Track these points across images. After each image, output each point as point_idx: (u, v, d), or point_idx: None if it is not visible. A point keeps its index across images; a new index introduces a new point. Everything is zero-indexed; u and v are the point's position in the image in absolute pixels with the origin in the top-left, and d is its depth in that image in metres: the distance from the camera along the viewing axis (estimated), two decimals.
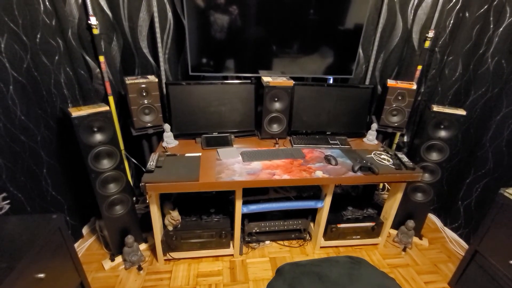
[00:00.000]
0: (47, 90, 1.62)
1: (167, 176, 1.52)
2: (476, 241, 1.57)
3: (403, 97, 1.96)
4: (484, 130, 1.91)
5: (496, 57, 1.82)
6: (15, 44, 1.40)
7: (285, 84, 1.91)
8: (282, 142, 2.02)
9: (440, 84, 2.10)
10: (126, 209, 1.72)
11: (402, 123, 2.02)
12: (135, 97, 1.71)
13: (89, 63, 1.78)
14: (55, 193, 1.72)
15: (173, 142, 1.90)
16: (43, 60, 1.59)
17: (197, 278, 1.72)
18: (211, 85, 1.89)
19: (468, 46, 1.94)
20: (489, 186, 1.91)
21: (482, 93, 1.93)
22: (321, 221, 1.85)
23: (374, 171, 1.66)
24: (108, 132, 1.53)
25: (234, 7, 1.76)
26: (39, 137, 1.59)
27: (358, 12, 1.88)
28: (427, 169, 1.89)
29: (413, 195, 1.99)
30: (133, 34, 1.83)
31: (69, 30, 1.64)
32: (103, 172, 1.55)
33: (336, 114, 2.07)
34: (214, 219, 1.82)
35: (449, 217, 2.22)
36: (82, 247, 1.90)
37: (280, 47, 1.94)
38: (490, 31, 1.82)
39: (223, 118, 1.97)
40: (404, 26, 2.01)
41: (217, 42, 1.84)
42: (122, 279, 1.70)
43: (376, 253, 1.99)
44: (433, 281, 1.80)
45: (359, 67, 2.14)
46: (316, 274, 1.17)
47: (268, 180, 1.56)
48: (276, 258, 1.89)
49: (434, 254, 2.01)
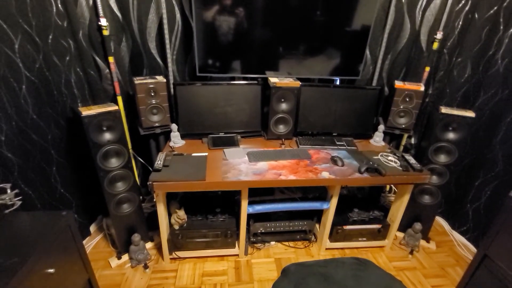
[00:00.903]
0: (58, 89, 1.66)
1: (174, 175, 1.53)
2: (485, 245, 1.54)
3: (411, 99, 1.94)
4: (494, 132, 1.89)
5: (506, 59, 1.79)
6: (28, 45, 1.44)
7: (292, 85, 1.91)
8: (288, 142, 2.02)
9: (449, 85, 2.08)
10: (133, 208, 1.74)
11: (410, 124, 2.00)
12: (144, 97, 1.74)
13: (99, 63, 1.81)
14: (63, 191, 1.76)
15: (180, 142, 1.91)
16: (55, 61, 1.62)
17: (202, 278, 1.73)
18: (218, 86, 1.90)
19: (477, 47, 1.92)
20: (498, 189, 1.88)
21: (492, 95, 1.90)
22: (326, 223, 1.84)
23: (380, 172, 1.65)
24: (116, 131, 1.55)
25: (241, 8, 1.77)
26: (50, 136, 1.62)
27: (365, 13, 1.87)
28: (435, 171, 1.87)
29: (420, 198, 1.97)
30: (142, 35, 1.86)
31: (80, 31, 1.68)
32: (111, 171, 1.58)
33: (343, 115, 2.07)
34: (219, 219, 1.83)
35: (457, 220, 2.19)
36: (89, 244, 1.93)
37: (287, 48, 1.94)
38: (500, 33, 1.80)
39: (229, 119, 1.99)
40: (412, 27, 2.00)
41: (224, 43, 1.85)
42: (128, 277, 1.72)
43: (383, 256, 1.97)
44: (440, 285, 1.77)
45: (366, 68, 2.13)
46: (322, 275, 1.17)
47: (274, 180, 1.57)
48: (281, 259, 1.89)
49: (441, 257, 1.99)
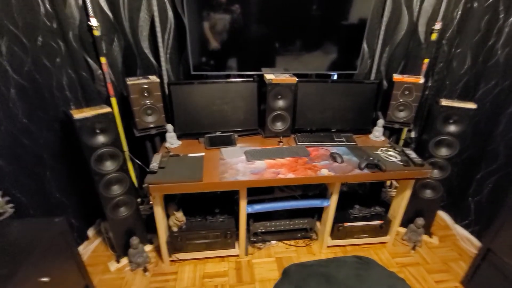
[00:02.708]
0: (49, 92, 1.62)
1: (170, 176, 1.50)
2: (489, 239, 1.52)
3: (410, 92, 1.91)
4: (495, 124, 1.85)
5: (507, 49, 1.75)
6: (16, 47, 1.40)
7: (288, 81, 1.87)
8: (286, 140, 1.99)
9: (448, 77, 2.05)
10: (131, 211, 1.71)
11: (409, 118, 1.97)
12: (137, 97, 1.70)
13: (91, 64, 1.77)
14: (59, 196, 1.72)
15: (176, 143, 1.88)
16: (45, 63, 1.58)
17: (203, 279, 1.71)
18: (213, 84, 1.87)
19: (477, 37, 1.87)
20: (500, 181, 1.85)
21: (492, 86, 1.87)
22: (327, 220, 1.82)
23: (381, 168, 1.62)
24: (110, 134, 1.52)
25: (234, 4, 1.73)
26: (42, 140, 1.58)
27: (362, 5, 1.83)
28: (436, 165, 1.84)
29: (422, 192, 1.94)
30: (134, 35, 1.82)
31: (70, 32, 1.64)
32: (107, 174, 1.55)
33: (341, 111, 2.03)
34: (219, 219, 1.81)
35: (460, 214, 2.16)
36: (88, 249, 1.90)
37: (283, 44, 1.90)
38: (500, 22, 1.76)
39: (226, 117, 1.95)
40: (410, 18, 1.95)
41: (218, 40, 1.81)
42: (128, 280, 1.70)
43: (385, 252, 1.95)
44: (444, 280, 1.75)
45: (364, 62, 2.09)
46: (323, 275, 1.14)
47: (273, 179, 1.54)
48: (282, 258, 1.87)
49: (444, 252, 1.96)
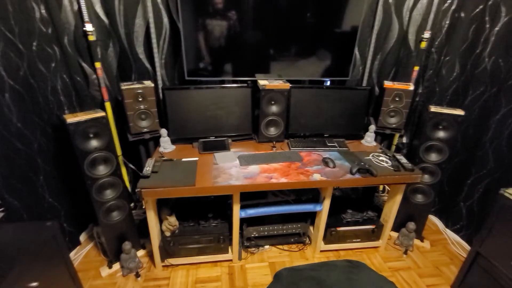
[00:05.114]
0: (43, 97, 1.63)
1: (163, 181, 1.51)
2: (478, 243, 1.54)
3: (401, 98, 1.95)
4: (484, 130, 1.90)
5: (493, 57, 1.81)
6: (11, 52, 1.41)
7: (282, 87, 1.90)
8: (279, 145, 2.01)
9: (438, 84, 2.09)
10: (123, 215, 1.71)
11: (400, 124, 2.00)
12: (131, 102, 1.71)
13: (86, 69, 1.78)
14: (52, 200, 1.72)
15: (170, 147, 1.89)
16: (40, 68, 1.59)
17: (195, 285, 1.70)
18: (208, 90, 1.89)
19: (465, 46, 1.93)
20: (490, 186, 1.89)
21: (480, 93, 1.91)
22: (320, 225, 1.83)
23: (372, 173, 1.64)
24: (104, 138, 1.53)
25: (229, 11, 1.76)
26: (36, 144, 1.58)
27: (353, 14, 1.88)
28: (426, 170, 1.87)
29: (413, 197, 1.97)
30: (129, 40, 1.84)
31: (65, 37, 1.65)
32: (99, 178, 1.55)
33: (334, 117, 2.06)
34: (212, 224, 1.81)
35: (451, 219, 2.19)
36: (80, 254, 1.89)
37: (277, 51, 1.93)
38: (486, 31, 1.82)
39: (220, 123, 1.97)
40: (400, 27, 2.01)
41: (213, 46, 1.84)
42: (120, 286, 1.68)
43: (377, 256, 1.96)
44: (435, 284, 1.76)
45: (355, 69, 2.13)
46: (314, 279, 1.15)
47: (266, 183, 1.55)
48: (275, 263, 1.87)
49: (436, 256, 1.98)
